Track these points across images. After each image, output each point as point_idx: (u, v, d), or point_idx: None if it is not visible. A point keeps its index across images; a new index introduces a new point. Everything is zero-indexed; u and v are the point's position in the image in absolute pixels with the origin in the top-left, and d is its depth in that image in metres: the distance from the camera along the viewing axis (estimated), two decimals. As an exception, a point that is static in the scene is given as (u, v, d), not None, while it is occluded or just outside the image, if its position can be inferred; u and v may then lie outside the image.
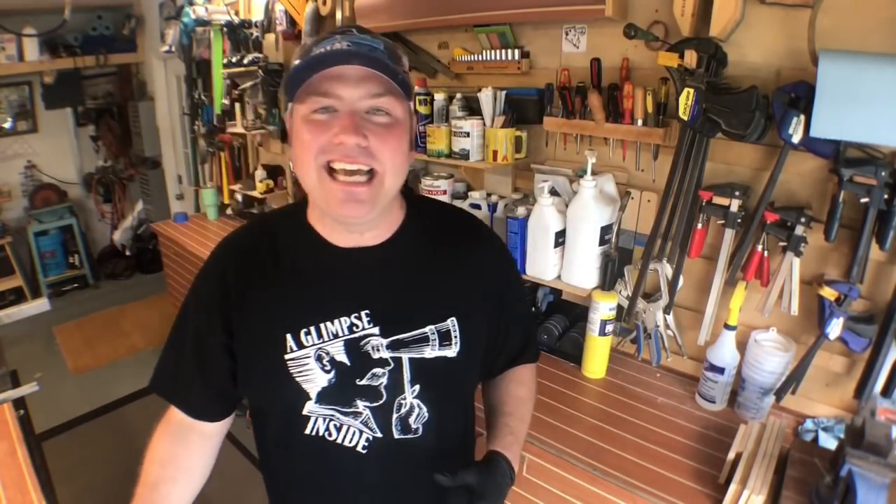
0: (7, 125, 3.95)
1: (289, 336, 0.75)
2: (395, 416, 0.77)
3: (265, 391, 0.79)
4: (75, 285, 4.31)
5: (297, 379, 0.75)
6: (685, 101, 1.23)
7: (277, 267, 0.78)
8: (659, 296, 1.45)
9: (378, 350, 0.76)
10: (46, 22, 3.35)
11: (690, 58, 1.19)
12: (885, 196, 1.05)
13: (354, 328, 0.76)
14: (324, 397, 0.76)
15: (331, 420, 0.77)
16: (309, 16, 2.21)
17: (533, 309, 1.74)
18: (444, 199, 1.76)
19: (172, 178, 4.32)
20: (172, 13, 3.19)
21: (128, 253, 4.51)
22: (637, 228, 1.51)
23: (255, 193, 2.77)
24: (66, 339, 3.59)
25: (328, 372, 0.75)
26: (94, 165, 4.50)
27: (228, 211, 3.10)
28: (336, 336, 0.75)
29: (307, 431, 0.77)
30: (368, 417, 0.77)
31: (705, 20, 1.21)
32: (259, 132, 2.70)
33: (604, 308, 1.45)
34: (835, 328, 1.15)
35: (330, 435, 0.77)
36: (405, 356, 0.77)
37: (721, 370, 1.30)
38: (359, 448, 0.78)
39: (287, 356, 0.75)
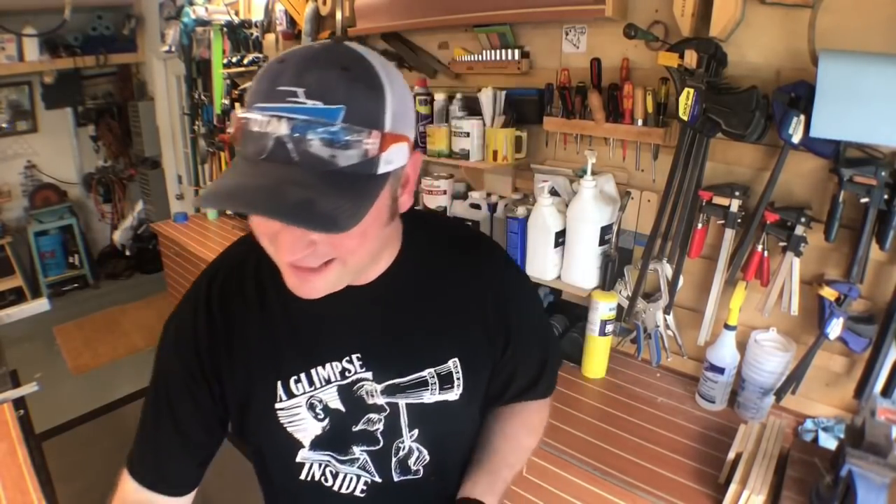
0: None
1: (279, 384, 0.68)
2: (393, 459, 0.74)
3: (258, 438, 0.74)
4: (75, 285, 4.31)
5: (289, 429, 0.70)
6: (685, 101, 1.23)
7: (263, 306, 0.68)
8: (659, 296, 1.45)
9: (373, 395, 0.70)
10: (46, 22, 3.35)
11: (690, 58, 1.19)
12: (885, 196, 1.05)
13: (347, 373, 0.69)
14: (318, 445, 0.72)
15: (327, 466, 0.74)
16: (309, 16, 2.21)
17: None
18: (444, 199, 1.77)
19: (172, 178, 4.32)
20: (172, 13, 3.20)
21: (128, 253, 4.50)
22: (637, 228, 1.51)
23: (255, 193, 2.76)
24: (66, 339, 3.59)
25: (321, 420, 0.70)
26: (94, 165, 4.49)
27: (228, 211, 3.10)
28: (328, 382, 0.69)
29: (302, 477, 0.74)
30: (366, 462, 0.73)
31: (705, 20, 1.21)
32: (259, 132, 2.70)
33: (604, 308, 1.45)
34: (835, 328, 1.15)
35: (326, 481, 0.74)
36: (402, 401, 0.71)
37: (721, 370, 1.30)
38: (357, 493, 0.75)
39: (277, 405, 0.69)
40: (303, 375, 0.69)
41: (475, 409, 0.80)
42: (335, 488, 0.75)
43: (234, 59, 2.68)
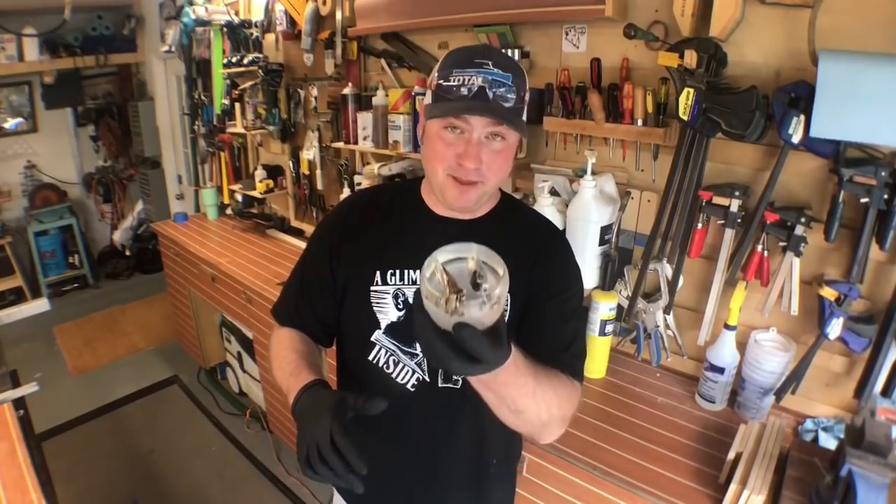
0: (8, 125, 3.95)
1: (377, 272, 0.93)
2: None
3: (349, 312, 0.97)
4: (75, 285, 4.31)
5: (374, 308, 0.93)
6: (685, 101, 1.23)
7: (386, 220, 0.97)
8: (659, 296, 1.45)
9: None
10: (46, 22, 3.35)
11: (690, 58, 1.19)
12: (885, 196, 1.06)
13: None
14: (391, 330, 0.94)
15: (391, 355, 0.94)
16: (309, 16, 2.21)
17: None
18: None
19: (172, 178, 4.32)
20: (172, 13, 3.20)
21: (128, 253, 4.51)
22: (637, 228, 1.51)
23: (255, 193, 2.76)
24: (66, 339, 3.59)
25: (400, 310, 0.93)
26: (94, 165, 4.50)
27: (228, 211, 3.10)
28: (414, 283, 0.92)
29: (370, 357, 0.95)
30: (422, 360, 0.93)
31: (705, 20, 1.21)
32: (259, 132, 2.70)
33: (604, 308, 1.45)
34: (835, 328, 1.15)
35: (387, 368, 0.94)
36: None
37: (721, 370, 1.30)
38: (408, 386, 0.94)
39: (372, 287, 0.93)
40: (397, 271, 0.93)
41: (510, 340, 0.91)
42: (393, 375, 0.94)
43: (234, 59, 2.67)
